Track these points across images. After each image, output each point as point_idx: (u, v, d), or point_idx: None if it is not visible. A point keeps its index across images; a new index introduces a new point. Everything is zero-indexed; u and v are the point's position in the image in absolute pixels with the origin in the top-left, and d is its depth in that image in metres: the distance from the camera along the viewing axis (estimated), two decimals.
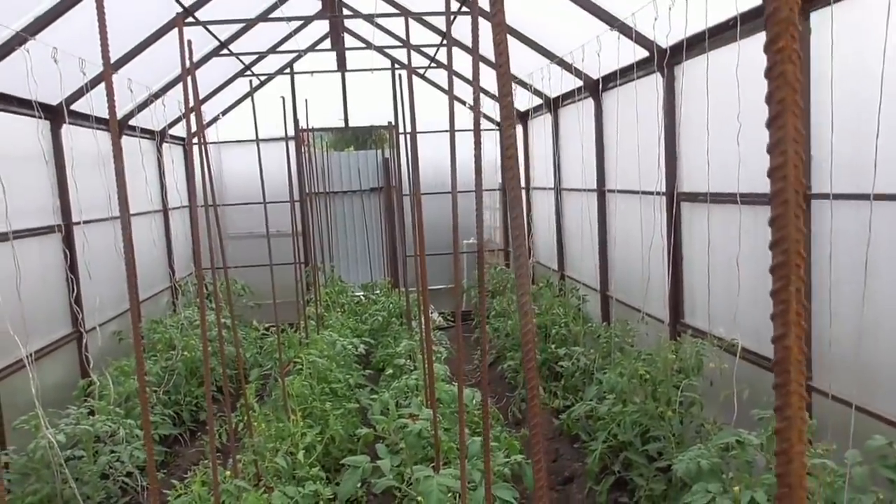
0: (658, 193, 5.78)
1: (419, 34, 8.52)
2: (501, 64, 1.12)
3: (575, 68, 6.89)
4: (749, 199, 4.49)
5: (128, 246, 2.14)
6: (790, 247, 0.53)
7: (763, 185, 4.25)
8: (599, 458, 4.74)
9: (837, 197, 3.68)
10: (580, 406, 5.30)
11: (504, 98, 1.09)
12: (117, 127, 2.13)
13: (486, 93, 9.53)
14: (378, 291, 10.34)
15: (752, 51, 4.26)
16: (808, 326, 3.96)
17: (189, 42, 3.39)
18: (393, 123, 8.03)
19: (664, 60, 5.36)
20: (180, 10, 6.27)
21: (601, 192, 7.27)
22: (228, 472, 4.25)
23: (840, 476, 3.06)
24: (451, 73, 3.50)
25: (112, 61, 2.11)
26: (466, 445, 3.74)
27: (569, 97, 7.91)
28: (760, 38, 2.50)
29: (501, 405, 6.93)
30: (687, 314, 5.69)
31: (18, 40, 4.73)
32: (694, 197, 5.35)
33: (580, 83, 7.14)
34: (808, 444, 3.36)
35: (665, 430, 4.44)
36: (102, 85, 6.03)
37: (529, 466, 4.02)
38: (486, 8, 5.63)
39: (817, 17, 3.73)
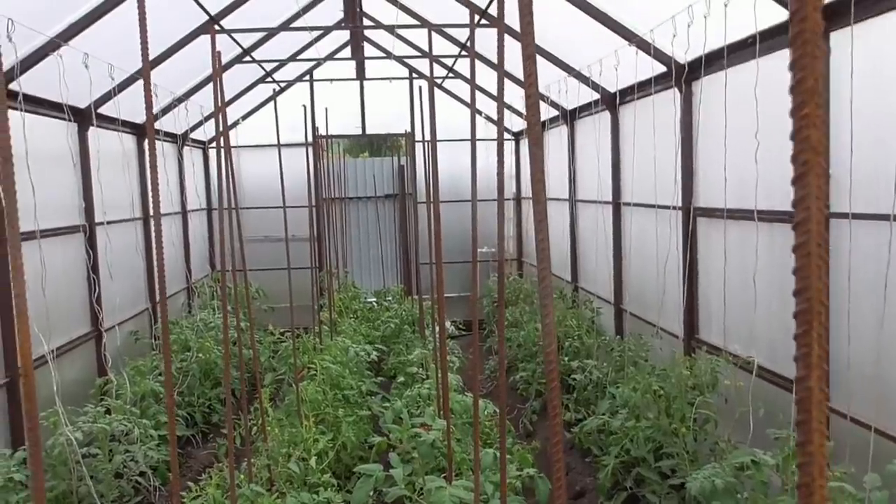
0: (674, 208, 5.79)
1: (438, 44, 8.59)
2: (531, 94, 1.16)
3: (592, 81, 6.92)
4: (766, 217, 4.50)
5: (158, 249, 2.20)
6: (813, 295, 0.57)
7: (781, 203, 4.27)
8: (611, 474, 4.73)
9: (857, 217, 3.69)
10: (593, 420, 5.30)
11: (532, 128, 1.13)
12: (152, 131, 2.19)
13: (509, 107, 9.59)
14: (391, 298, 10.39)
15: (770, 68, 4.28)
16: (826, 346, 3.95)
17: (219, 53, 3.46)
18: (409, 131, 8.10)
19: (682, 76, 5.38)
20: (205, 18, 6.37)
21: (616, 204, 7.28)
22: (242, 476, 4.30)
23: (859, 501, 3.05)
24: (474, 86, 3.54)
25: (139, 67, 2.17)
26: (480, 457, 3.76)
27: (585, 110, 7.94)
28: (779, 56, 2.54)
29: (512, 417, 6.93)
30: (702, 330, 5.68)
31: (52, 46, 4.84)
32: (710, 212, 5.36)
33: (597, 96, 7.18)
34: (826, 466, 3.35)
35: (679, 447, 4.44)
36: (129, 89, 6.15)
37: (542, 480, 4.03)
38: (509, 23, 5.68)
39: (837, 38, 3.75)
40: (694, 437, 4.47)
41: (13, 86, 4.70)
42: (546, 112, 9.43)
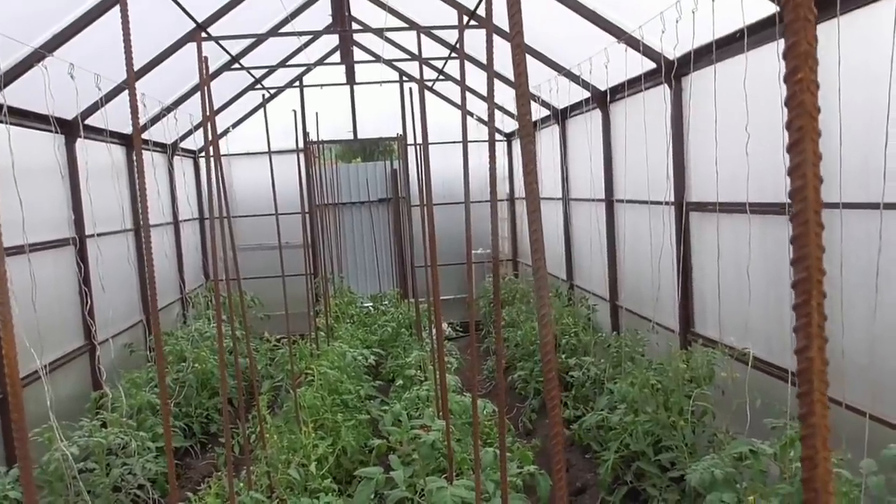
0: (667, 203, 5.80)
1: (427, 47, 8.59)
2: (522, 92, 1.15)
3: (583, 80, 6.93)
4: (758, 209, 4.50)
5: (149, 260, 2.18)
6: (812, 263, 0.56)
7: (772, 195, 4.28)
8: (612, 469, 4.73)
9: (847, 206, 3.69)
10: (591, 416, 5.30)
11: (524, 130, 1.12)
12: (139, 141, 2.18)
13: (499, 108, 9.59)
14: (387, 302, 10.37)
15: (759, 62, 4.29)
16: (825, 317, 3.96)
17: (206, 59, 3.44)
18: (401, 135, 8.08)
19: (672, 72, 5.39)
20: (192, 25, 6.35)
21: (609, 202, 7.29)
22: (242, 484, 4.27)
23: (856, 486, 3.06)
24: (464, 87, 3.53)
25: (126, 77, 2.16)
26: (480, 456, 3.74)
27: (577, 108, 7.95)
28: (768, 49, 2.54)
29: (512, 415, 6.92)
30: (697, 323, 5.69)
31: (37, 57, 4.82)
32: (703, 206, 5.37)
33: (588, 95, 7.18)
34: None
35: (677, 439, 4.44)
36: (116, 99, 6.12)
37: (543, 477, 4.03)
38: (497, 24, 5.69)
39: (824, 29, 3.75)
40: (692, 430, 4.47)
41: None
42: (537, 112, 9.43)
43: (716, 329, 5.24)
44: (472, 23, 6.64)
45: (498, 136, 11.20)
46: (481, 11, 6.30)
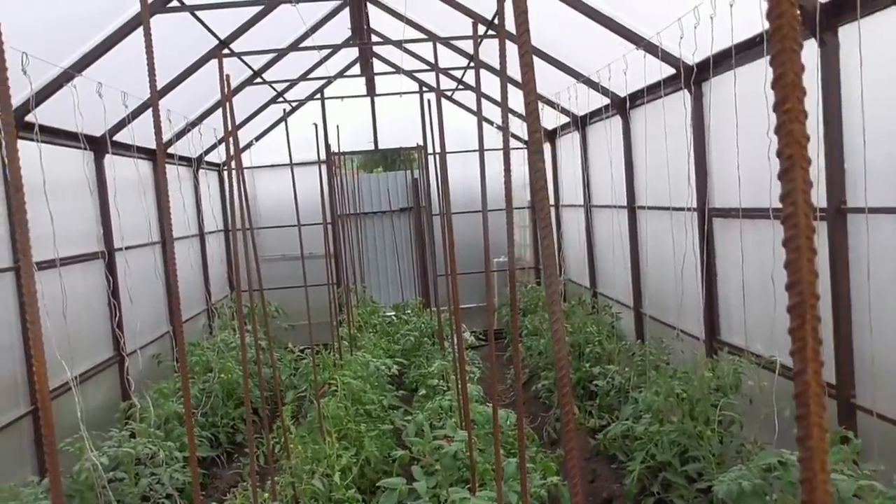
0: (689, 209, 5.75)
1: (446, 57, 8.64)
2: (530, 108, 1.16)
3: (602, 87, 6.91)
4: (782, 214, 4.44)
5: (173, 272, 2.22)
6: (805, 288, 0.57)
7: None
8: (638, 479, 4.68)
9: (873, 210, 3.64)
10: (616, 426, 5.25)
11: (533, 135, 1.13)
12: (163, 157, 2.22)
13: (514, 113, 9.59)
14: (409, 311, 10.40)
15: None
16: (848, 342, 3.90)
17: (228, 77, 3.50)
18: (421, 144, 8.13)
19: (691, 78, 5.36)
20: (215, 42, 6.46)
21: (631, 208, 7.25)
22: (267, 495, 4.31)
23: (890, 499, 2.99)
24: (480, 94, 3.55)
25: (151, 95, 2.21)
26: (502, 467, 3.74)
27: (596, 115, 7.93)
28: None
29: (536, 425, 6.89)
30: (723, 331, 5.62)
31: (66, 77, 4.94)
32: (726, 212, 5.32)
33: (607, 101, 7.17)
34: (854, 464, 3.29)
35: (704, 450, 4.38)
36: (143, 116, 6.25)
37: (566, 488, 4.00)
38: (512, 31, 5.75)
39: (845, 32, 3.72)
40: (719, 440, 4.42)
41: (29, 117, 4.79)
42: (557, 119, 9.42)
43: (741, 336, 5.18)
44: (490, 33, 6.68)
45: (517, 144, 11.20)
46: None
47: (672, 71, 5.60)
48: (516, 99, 8.32)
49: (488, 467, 4.32)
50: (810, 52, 3.85)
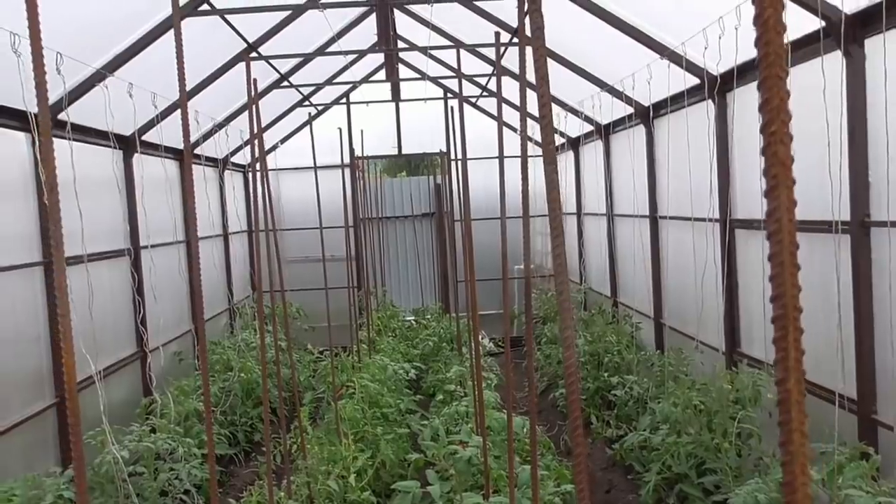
0: (711, 220, 5.72)
1: (471, 64, 8.68)
2: (545, 122, 1.19)
3: (626, 96, 6.90)
4: (804, 227, 4.40)
5: (196, 273, 2.27)
6: (788, 301, 0.60)
7: (818, 212, 4.20)
8: (654, 490, 4.66)
9: None
10: (633, 436, 5.23)
11: (547, 146, 1.15)
12: (189, 157, 2.28)
13: (535, 119, 9.60)
14: (429, 316, 10.43)
15: (803, 77, 4.22)
16: (871, 358, 3.85)
17: (255, 81, 3.57)
18: (445, 150, 8.18)
19: (715, 88, 5.34)
20: (243, 45, 6.57)
21: (654, 218, 7.22)
22: (283, 494, 4.36)
23: None
24: (501, 100, 3.58)
25: (179, 97, 2.27)
26: (516, 474, 3.74)
27: (620, 124, 7.92)
28: (812, 64, 2.51)
29: (553, 434, 6.87)
30: (743, 343, 5.57)
31: (98, 77, 5.06)
32: (748, 224, 5.28)
33: (631, 110, 7.15)
34: (873, 480, 3.25)
35: (722, 462, 4.35)
36: (171, 116, 6.36)
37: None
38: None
39: (871, 44, 3.69)
40: (737, 453, 4.38)
41: (62, 116, 4.91)
42: (581, 127, 9.42)
43: (762, 349, 5.13)
44: (515, 40, 6.70)
45: (537, 150, 11.19)
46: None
47: (696, 81, 5.58)
48: (537, 106, 8.33)
49: (502, 473, 4.33)
50: (835, 63, 3.82)
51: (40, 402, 5.02)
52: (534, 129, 9.42)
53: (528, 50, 2.58)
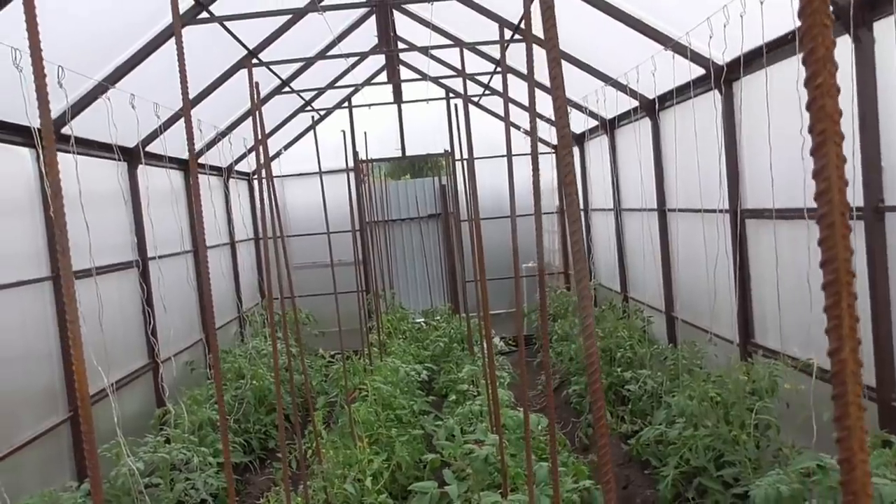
0: (721, 211, 5.67)
1: (473, 63, 8.65)
2: (558, 97, 1.16)
3: (630, 89, 6.86)
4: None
5: (206, 282, 2.25)
6: (840, 265, 0.56)
7: None
8: (672, 485, 4.61)
9: None
10: (649, 430, 5.19)
11: (561, 129, 1.12)
12: (195, 166, 2.26)
13: (542, 117, 9.57)
14: (438, 317, 10.40)
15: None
16: (888, 344, 3.80)
17: (257, 84, 3.55)
18: (449, 151, 8.11)
19: (721, 77, 5.29)
20: (244, 52, 6.56)
21: (662, 211, 7.17)
22: (300, 499, 4.33)
23: None
24: (507, 99, 3.55)
25: (183, 106, 2.25)
26: (533, 471, 3.71)
27: (625, 118, 7.87)
28: None
29: (567, 431, 6.83)
30: (757, 334, 5.52)
31: (100, 89, 5.06)
32: (759, 213, 5.23)
33: (636, 103, 7.11)
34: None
35: (740, 454, 4.30)
36: (174, 126, 6.36)
37: (599, 492, 3.96)
38: (539, 34, 5.74)
39: (881, 27, 3.64)
40: (756, 444, 4.33)
41: (65, 130, 4.91)
42: (585, 122, 9.37)
43: (777, 339, 5.08)
44: (517, 37, 6.67)
45: (545, 148, 11.15)
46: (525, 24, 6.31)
47: (701, 71, 5.53)
48: (543, 103, 8.28)
49: (520, 471, 4.30)
50: (844, 48, 3.77)
51: (54, 418, 5.02)
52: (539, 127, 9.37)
53: (533, 46, 2.55)
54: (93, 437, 1.45)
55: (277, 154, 10.81)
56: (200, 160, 8.12)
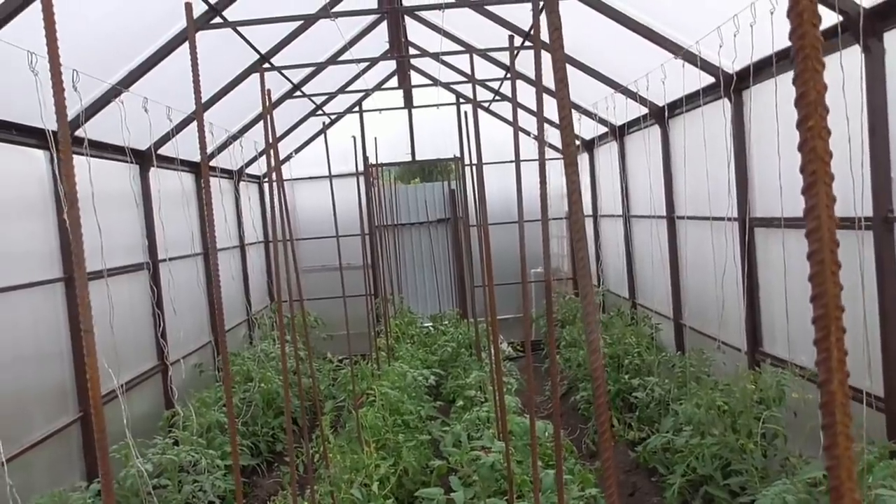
0: (729, 219, 5.66)
1: (483, 68, 8.68)
2: (565, 127, 1.18)
3: (640, 96, 6.87)
4: None
5: (216, 285, 2.28)
6: (829, 301, 0.59)
7: (840, 209, 4.14)
8: (678, 493, 4.61)
9: None
10: (656, 438, 5.18)
11: (567, 147, 1.14)
12: (206, 170, 2.29)
13: (551, 123, 9.58)
14: (447, 322, 10.41)
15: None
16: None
17: (269, 91, 3.58)
18: (458, 156, 8.15)
19: (731, 86, 5.29)
20: (256, 57, 6.61)
21: (670, 218, 7.16)
22: (306, 503, 4.35)
23: None
24: (516, 104, 3.57)
25: (195, 109, 2.28)
26: (540, 478, 3.71)
27: (634, 125, 7.87)
28: (831, 59, 2.48)
29: (574, 437, 6.83)
30: (766, 342, 5.51)
31: (114, 93, 5.12)
32: (768, 222, 5.22)
33: (645, 111, 7.11)
34: None
35: (747, 463, 4.29)
36: (186, 130, 6.41)
37: (604, 501, 3.96)
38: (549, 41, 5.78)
39: (891, 38, 3.63)
40: (763, 453, 4.32)
41: (79, 132, 4.96)
42: (595, 129, 9.38)
43: (785, 348, 5.07)
44: (527, 44, 6.69)
45: (554, 154, 11.16)
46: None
47: (711, 80, 5.54)
48: (553, 109, 8.30)
49: (526, 479, 4.30)
50: (854, 58, 3.77)
51: (64, 418, 5.06)
52: (548, 132, 9.38)
53: (542, 53, 2.57)
54: (105, 442, 1.48)
55: (288, 157, 10.87)
56: (211, 163, 8.18)
